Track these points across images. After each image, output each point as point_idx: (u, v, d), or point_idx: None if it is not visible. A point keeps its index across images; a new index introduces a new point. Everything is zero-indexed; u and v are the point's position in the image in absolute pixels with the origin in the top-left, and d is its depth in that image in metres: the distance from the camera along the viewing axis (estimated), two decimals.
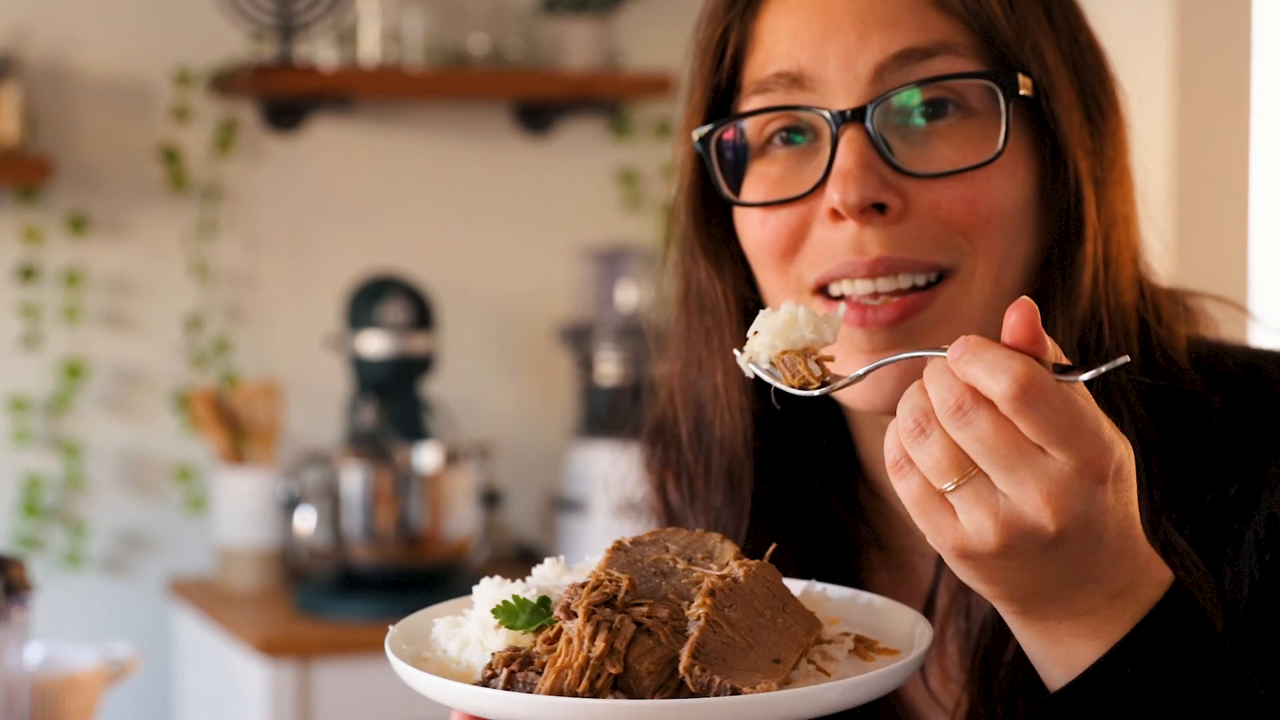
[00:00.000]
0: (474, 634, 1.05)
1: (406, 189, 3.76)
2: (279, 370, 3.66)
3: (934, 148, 1.13)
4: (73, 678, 1.90)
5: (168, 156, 3.59)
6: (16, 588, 1.75)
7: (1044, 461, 0.93)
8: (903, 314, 1.13)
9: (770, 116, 1.17)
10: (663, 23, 3.86)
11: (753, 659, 0.99)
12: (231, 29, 3.54)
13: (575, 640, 0.98)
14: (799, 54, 1.15)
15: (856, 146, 1.12)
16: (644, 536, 1.10)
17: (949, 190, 1.13)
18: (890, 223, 1.13)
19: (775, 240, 1.17)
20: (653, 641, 0.99)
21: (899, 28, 1.13)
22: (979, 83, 1.13)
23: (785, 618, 1.03)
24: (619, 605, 1.00)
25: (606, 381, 3.66)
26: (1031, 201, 1.15)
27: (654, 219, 3.88)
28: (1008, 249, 1.14)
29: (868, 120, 1.12)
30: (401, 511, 3.36)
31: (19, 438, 3.54)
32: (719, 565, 1.06)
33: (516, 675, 0.99)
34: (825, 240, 1.14)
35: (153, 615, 3.60)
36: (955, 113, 1.14)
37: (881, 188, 1.12)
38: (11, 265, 3.52)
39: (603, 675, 0.97)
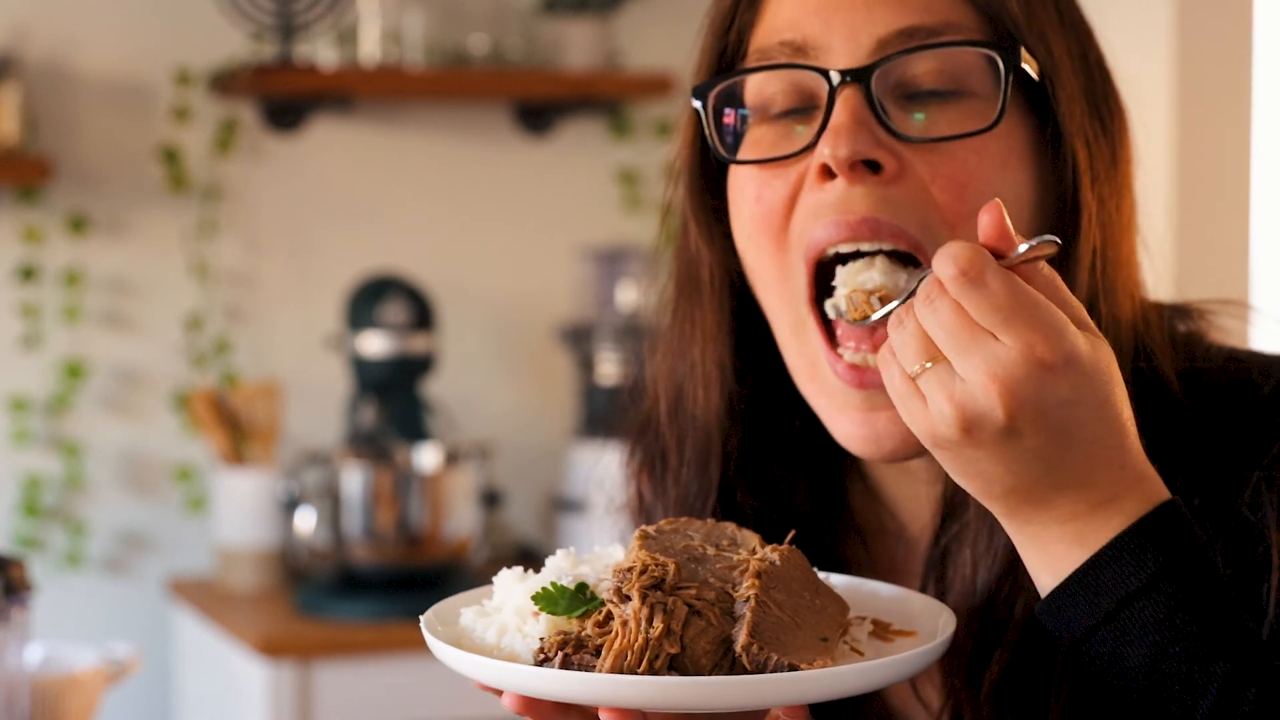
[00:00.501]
0: (511, 621, 1.06)
1: (406, 189, 3.76)
2: (279, 370, 3.66)
3: (930, 119, 1.13)
4: (73, 678, 1.90)
5: (168, 156, 3.59)
6: (16, 588, 1.75)
7: (993, 345, 0.96)
8: None
9: (770, 82, 1.16)
10: (663, 23, 3.86)
11: (802, 638, 1.01)
12: (231, 29, 3.54)
13: (632, 622, 1.00)
14: (803, 22, 1.15)
15: (852, 105, 1.11)
16: (664, 525, 1.11)
17: (943, 166, 1.12)
18: (882, 184, 1.12)
19: (769, 217, 1.16)
20: (704, 623, 1.01)
21: (906, 5, 1.13)
22: (981, 62, 1.12)
23: (821, 599, 1.06)
24: (668, 588, 1.02)
25: (606, 381, 3.66)
26: (1025, 194, 1.14)
27: (654, 219, 3.87)
28: None
29: (866, 81, 1.12)
30: (401, 511, 3.36)
31: (19, 438, 3.54)
32: (746, 550, 1.08)
33: (571, 658, 1.01)
34: (813, 204, 1.13)
35: (153, 615, 3.60)
36: (955, 90, 1.13)
37: (873, 145, 1.11)
38: (11, 265, 3.52)
39: (661, 655, 0.99)
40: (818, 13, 1.15)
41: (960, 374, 0.97)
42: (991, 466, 0.99)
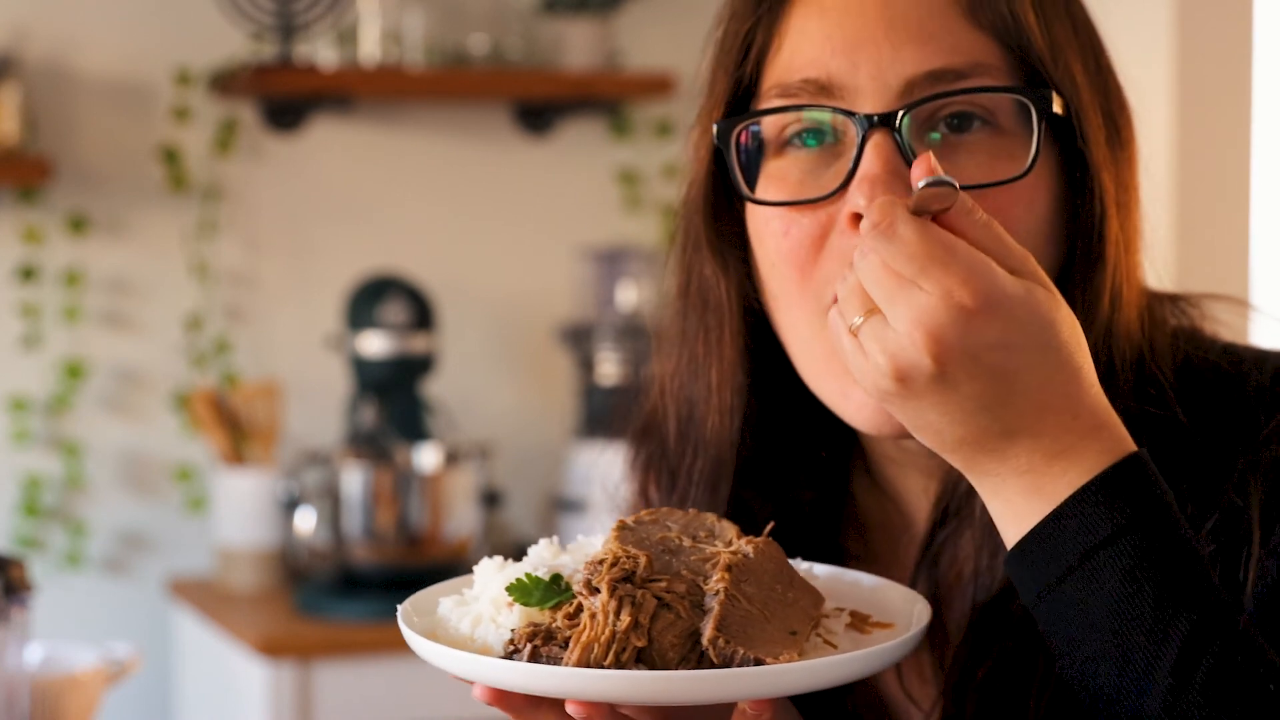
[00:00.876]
0: (486, 611, 1.07)
1: (406, 189, 3.76)
2: (279, 370, 3.66)
3: (960, 162, 1.12)
4: (73, 678, 1.90)
5: (168, 156, 3.59)
6: (16, 588, 1.75)
7: (915, 294, 0.97)
8: None
9: (791, 117, 1.16)
10: (663, 23, 3.86)
11: (770, 631, 1.02)
12: (231, 29, 3.54)
13: (600, 615, 1.00)
14: (829, 60, 1.14)
15: (883, 152, 1.10)
16: (644, 515, 1.12)
17: None
18: None
19: (795, 251, 1.15)
20: (673, 615, 1.01)
21: (933, 45, 1.12)
22: (1010, 100, 1.12)
23: (794, 592, 1.06)
24: (639, 581, 1.03)
25: (606, 381, 3.66)
26: (1046, 226, 1.14)
27: (654, 219, 3.88)
28: None
29: (896, 126, 1.11)
30: (401, 511, 3.36)
31: (19, 438, 3.54)
32: (723, 543, 1.09)
33: (540, 650, 1.01)
34: (843, 250, 1.12)
35: (153, 615, 3.60)
36: (984, 129, 1.13)
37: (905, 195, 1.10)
38: (11, 265, 3.52)
39: (628, 649, 0.99)
40: (844, 52, 1.13)
41: (891, 324, 0.98)
42: (936, 417, 0.99)
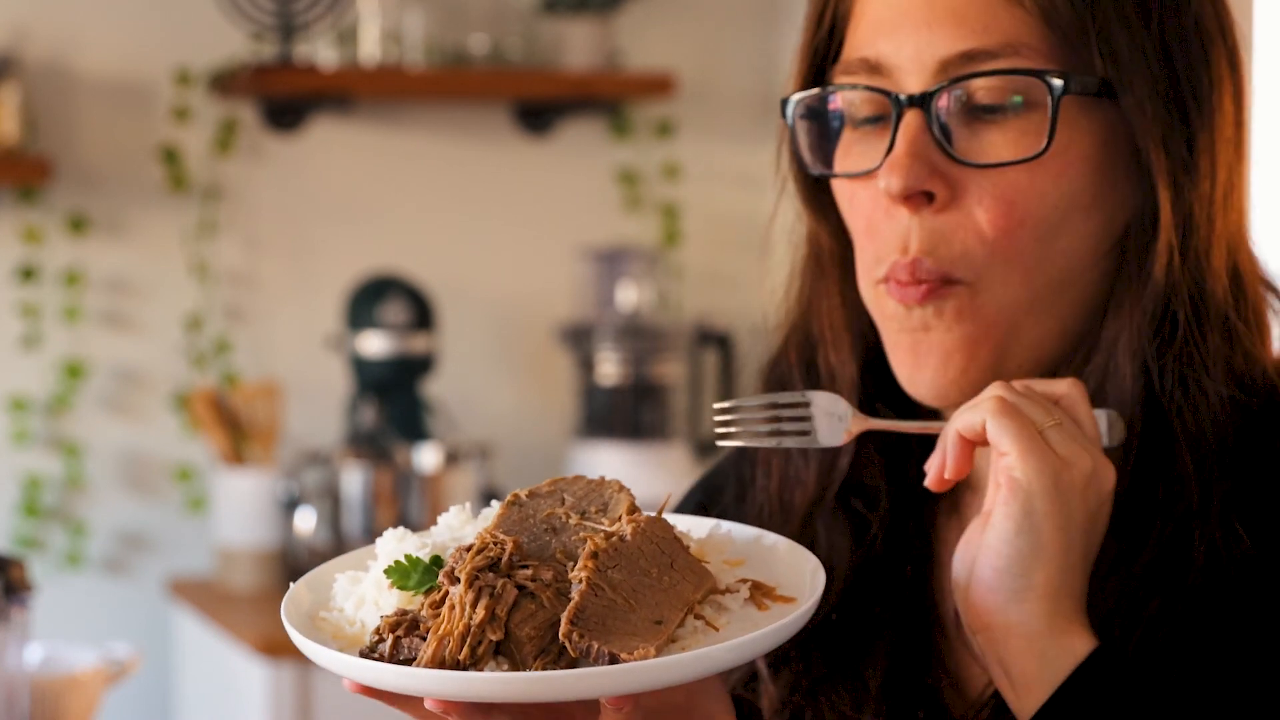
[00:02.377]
0: (370, 593, 1.04)
1: (406, 189, 3.76)
2: (279, 370, 3.66)
3: (990, 139, 1.16)
4: (73, 678, 1.90)
5: (168, 156, 3.59)
6: (16, 588, 1.75)
7: None
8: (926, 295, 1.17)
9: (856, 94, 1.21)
10: (663, 23, 3.86)
11: (634, 621, 0.99)
12: (231, 29, 3.54)
13: (458, 607, 0.98)
14: (878, 40, 1.19)
15: (911, 132, 1.16)
16: (542, 487, 1.09)
17: (992, 187, 1.16)
18: (936, 212, 1.17)
19: (856, 219, 1.21)
20: (535, 605, 0.98)
21: (968, 26, 1.16)
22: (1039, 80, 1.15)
23: (672, 575, 1.03)
24: (502, 569, 1.00)
25: (606, 381, 3.66)
26: (1087, 196, 1.17)
27: (654, 219, 3.88)
28: (1041, 253, 1.17)
29: (927, 106, 1.16)
30: (401, 511, 3.36)
31: (19, 438, 3.54)
32: (611, 519, 1.06)
33: (402, 641, 0.99)
34: (885, 231, 1.19)
35: (153, 615, 3.60)
36: (1016, 106, 1.16)
37: (928, 175, 1.16)
38: (11, 265, 3.52)
39: (484, 642, 0.97)
40: (890, 32, 1.18)
41: None
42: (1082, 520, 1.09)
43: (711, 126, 3.92)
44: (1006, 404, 1.09)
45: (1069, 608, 1.07)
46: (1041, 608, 1.07)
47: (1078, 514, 1.08)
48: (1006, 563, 1.07)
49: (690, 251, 3.90)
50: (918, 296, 1.17)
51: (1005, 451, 1.08)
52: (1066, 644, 1.06)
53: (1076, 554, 1.08)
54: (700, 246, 3.91)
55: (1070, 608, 1.07)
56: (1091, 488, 1.08)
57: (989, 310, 1.17)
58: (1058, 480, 1.07)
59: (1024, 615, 1.07)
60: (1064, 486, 1.07)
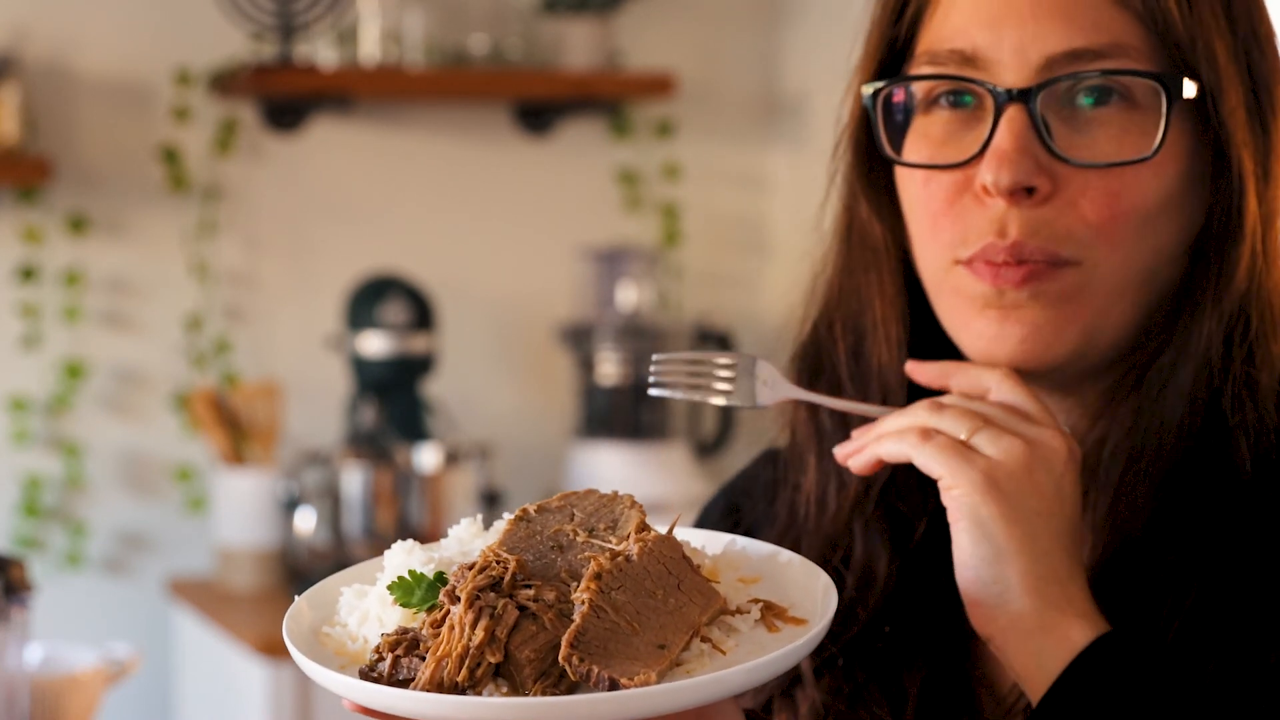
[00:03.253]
0: (374, 608, 1.03)
1: (406, 189, 3.76)
2: (279, 370, 3.66)
3: (1093, 135, 1.17)
4: (73, 678, 1.90)
5: (168, 156, 3.59)
6: (16, 588, 1.75)
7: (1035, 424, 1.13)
8: (1028, 276, 1.17)
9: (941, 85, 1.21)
10: (663, 23, 3.86)
11: (636, 645, 0.97)
12: (231, 29, 3.54)
13: (457, 627, 0.96)
14: (974, 31, 1.18)
15: (1016, 127, 1.16)
16: (551, 502, 1.07)
17: (1097, 180, 1.16)
18: (1035, 205, 1.17)
19: (931, 202, 1.21)
20: (536, 627, 0.97)
21: (1075, 24, 1.16)
22: (1155, 87, 1.16)
23: (679, 596, 1.01)
24: (505, 589, 0.98)
25: (606, 381, 3.66)
26: (1178, 194, 1.18)
27: (654, 219, 3.88)
28: (1138, 243, 1.18)
29: (1032, 102, 1.16)
30: (401, 511, 3.36)
31: (19, 438, 3.54)
32: (619, 537, 1.04)
33: (401, 661, 0.98)
34: (973, 215, 1.19)
35: (153, 615, 3.60)
36: (1119, 103, 1.17)
37: (1033, 171, 1.16)
38: (11, 265, 3.52)
39: (483, 664, 0.95)
40: (990, 24, 1.18)
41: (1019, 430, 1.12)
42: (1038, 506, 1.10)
43: (711, 126, 3.92)
44: (925, 431, 1.11)
45: (1057, 595, 1.08)
46: (1027, 603, 1.07)
47: (1030, 501, 1.09)
48: (976, 573, 1.09)
49: (690, 251, 3.90)
50: (1016, 279, 1.17)
51: (938, 476, 1.10)
52: (1060, 635, 1.07)
53: (1045, 539, 1.09)
54: (700, 246, 3.92)
55: (1059, 595, 1.08)
56: (1036, 471, 1.09)
57: (1094, 292, 1.18)
58: (994, 483, 1.09)
59: (1012, 615, 1.08)
60: (1004, 484, 1.09)
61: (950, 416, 1.12)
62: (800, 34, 3.85)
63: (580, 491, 1.09)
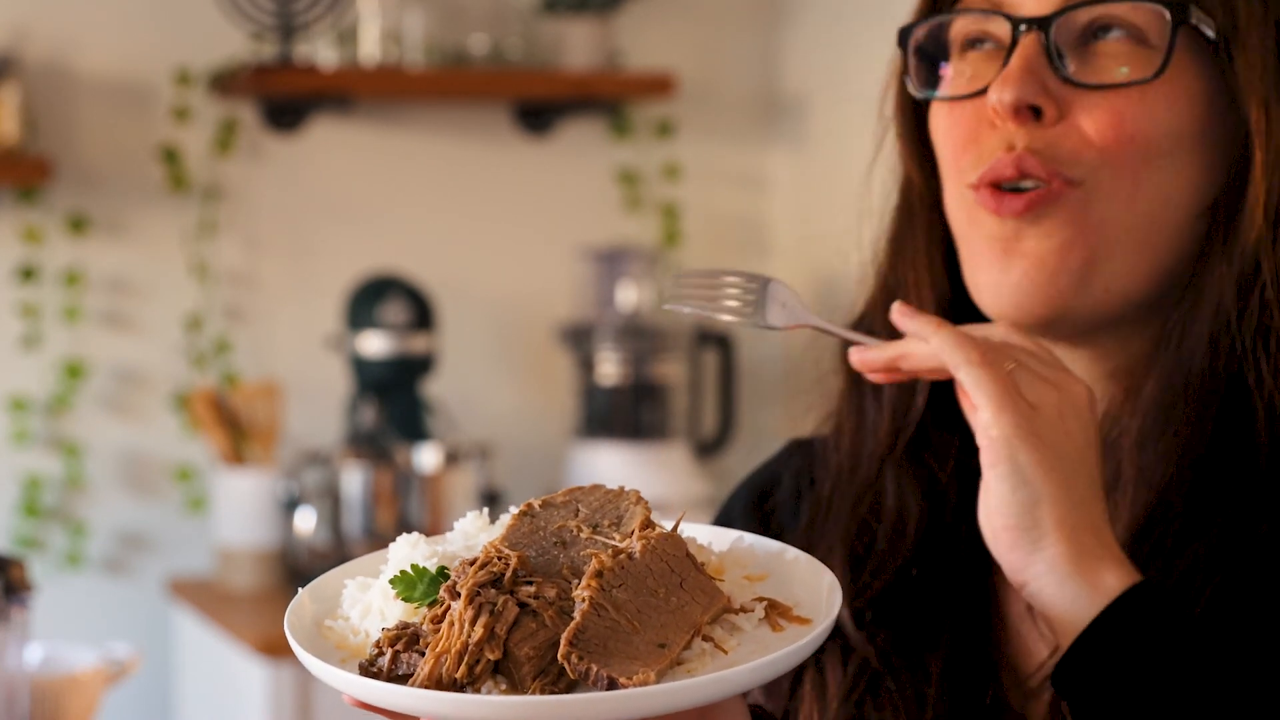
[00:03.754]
0: (376, 601, 1.03)
1: (406, 189, 3.76)
2: (279, 370, 3.66)
3: (1103, 64, 1.20)
4: (73, 678, 1.90)
5: (168, 156, 3.59)
6: (16, 588, 1.75)
7: None
8: (1030, 204, 1.20)
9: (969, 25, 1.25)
10: (663, 23, 3.86)
11: (636, 644, 0.96)
12: (231, 29, 3.54)
13: (457, 624, 0.96)
14: None
15: (1027, 52, 1.20)
16: (556, 497, 1.07)
17: (1103, 102, 1.19)
18: (1041, 127, 1.20)
19: (951, 132, 1.25)
20: (536, 624, 0.96)
21: None
22: (1157, 16, 1.18)
23: (681, 595, 1.00)
24: (505, 585, 0.98)
25: (606, 381, 3.66)
26: (1188, 136, 1.20)
27: (654, 219, 3.88)
28: (1143, 175, 1.19)
29: (1046, 29, 1.20)
30: (401, 511, 3.36)
31: (19, 438, 3.54)
32: (624, 534, 1.03)
33: (401, 656, 0.97)
34: (987, 139, 1.22)
35: (153, 615, 3.60)
36: (1129, 39, 1.20)
37: (1038, 92, 1.19)
38: (11, 265, 3.52)
39: (481, 661, 0.95)
40: None
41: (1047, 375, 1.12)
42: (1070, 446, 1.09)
43: (711, 126, 3.92)
44: (985, 354, 1.10)
45: (1091, 542, 1.08)
46: (1062, 550, 1.07)
47: (1065, 449, 1.09)
48: (1014, 519, 1.08)
49: (690, 251, 3.90)
50: (1018, 207, 1.20)
51: (979, 405, 1.09)
52: (1095, 580, 1.07)
53: (1080, 486, 1.09)
54: (700, 246, 3.92)
55: (1093, 542, 1.08)
56: (1067, 418, 1.10)
57: (1094, 217, 1.19)
58: (1033, 427, 1.09)
59: (1048, 561, 1.08)
60: (1041, 430, 1.09)
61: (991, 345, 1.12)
62: (800, 34, 3.85)
63: (586, 487, 1.08)
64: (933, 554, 1.25)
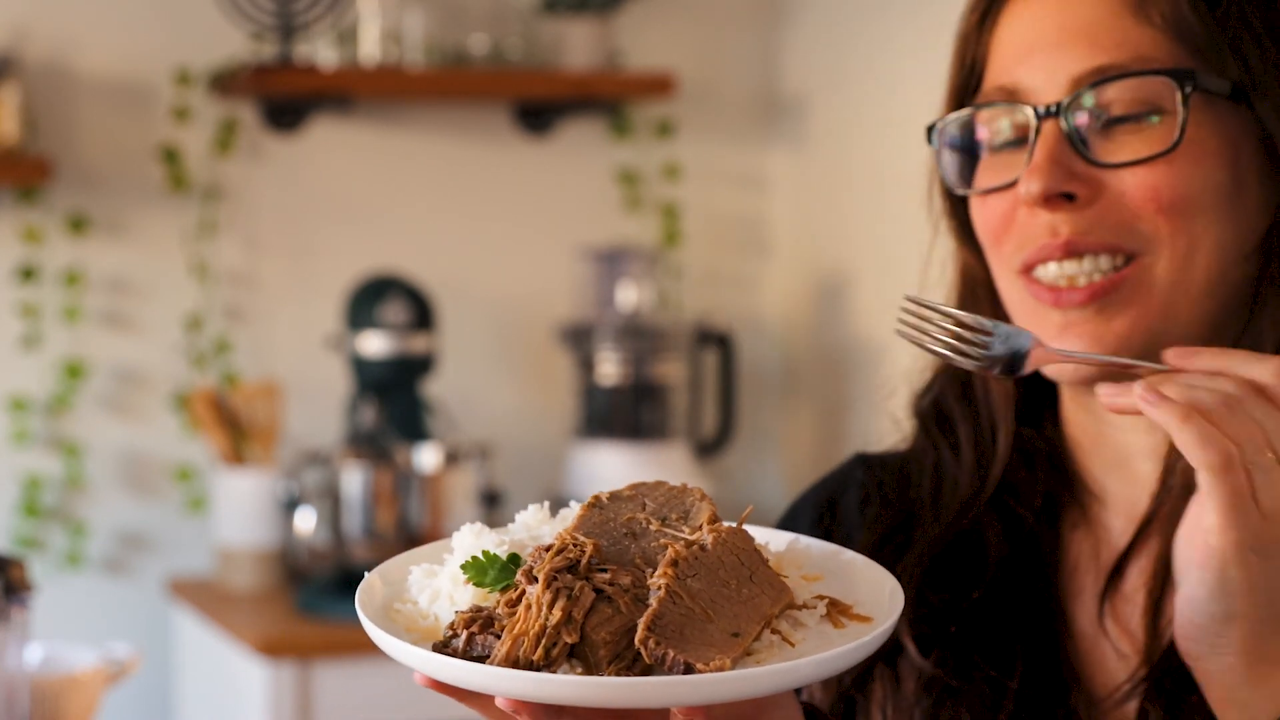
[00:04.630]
0: (445, 587, 1.05)
1: (406, 189, 3.76)
2: (279, 370, 3.66)
3: (1124, 142, 1.21)
4: (73, 678, 1.90)
5: (168, 156, 3.59)
6: (16, 588, 1.75)
7: None
8: (1092, 295, 1.21)
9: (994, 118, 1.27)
10: (663, 23, 3.86)
11: (711, 632, 0.99)
12: (231, 29, 3.54)
13: (534, 607, 0.98)
14: (1014, 68, 1.26)
15: (1048, 142, 1.22)
16: (623, 491, 1.09)
17: (1133, 178, 1.20)
18: (1079, 209, 1.21)
19: (988, 222, 1.27)
20: (612, 610, 0.98)
21: (1099, 44, 1.22)
22: (1168, 86, 1.20)
23: (751, 587, 1.03)
24: (581, 571, 1.00)
25: (606, 381, 3.66)
26: (1228, 190, 1.21)
27: (654, 219, 3.88)
28: (1197, 232, 1.21)
29: (1064, 115, 1.21)
30: (401, 511, 3.36)
31: (19, 438, 3.54)
32: (692, 527, 1.06)
33: (476, 638, 0.99)
34: (1026, 225, 1.24)
35: (153, 615, 3.60)
36: (1149, 112, 1.21)
37: (1067, 178, 1.21)
38: (11, 265, 3.52)
39: (559, 644, 0.97)
40: (1025, 57, 1.25)
41: None
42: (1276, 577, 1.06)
43: (711, 126, 3.92)
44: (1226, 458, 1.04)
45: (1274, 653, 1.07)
46: (1239, 661, 1.07)
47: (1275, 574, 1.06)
48: (1204, 621, 1.07)
49: (690, 251, 3.91)
50: (1080, 299, 1.21)
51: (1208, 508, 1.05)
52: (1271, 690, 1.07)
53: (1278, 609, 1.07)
54: (700, 246, 3.92)
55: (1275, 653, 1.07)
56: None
57: (1157, 288, 1.21)
58: (1258, 544, 1.05)
59: (1223, 666, 1.08)
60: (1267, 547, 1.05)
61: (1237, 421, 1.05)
62: (800, 34, 3.85)
63: (650, 482, 1.10)
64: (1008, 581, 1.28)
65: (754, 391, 3.89)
